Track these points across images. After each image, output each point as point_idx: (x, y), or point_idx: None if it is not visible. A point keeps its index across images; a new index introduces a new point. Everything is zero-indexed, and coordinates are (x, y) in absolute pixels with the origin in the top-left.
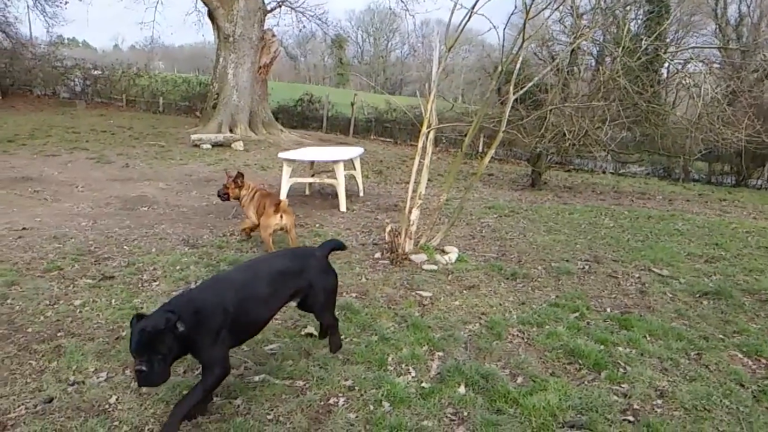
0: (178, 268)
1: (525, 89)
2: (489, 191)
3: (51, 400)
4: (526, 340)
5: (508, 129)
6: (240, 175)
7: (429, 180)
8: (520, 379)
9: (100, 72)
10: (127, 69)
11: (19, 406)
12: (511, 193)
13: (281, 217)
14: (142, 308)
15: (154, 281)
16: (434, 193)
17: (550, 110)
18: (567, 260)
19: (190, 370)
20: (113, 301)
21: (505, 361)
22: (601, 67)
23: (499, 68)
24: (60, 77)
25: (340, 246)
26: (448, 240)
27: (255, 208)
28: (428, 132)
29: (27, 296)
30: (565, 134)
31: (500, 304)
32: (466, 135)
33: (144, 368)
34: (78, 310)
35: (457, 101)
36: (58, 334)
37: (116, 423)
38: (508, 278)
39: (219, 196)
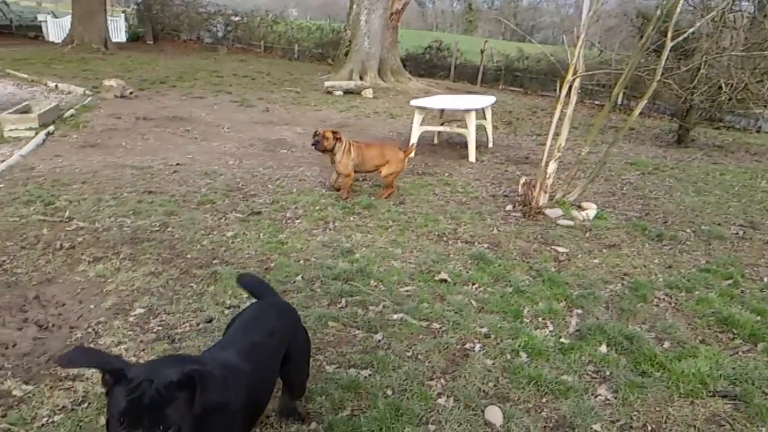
0: (317, 208)
1: (683, 36)
2: (629, 146)
3: (211, 320)
4: (673, 304)
5: (656, 80)
6: (337, 131)
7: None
8: (666, 344)
9: (239, 18)
10: (265, 16)
11: (184, 323)
12: (654, 150)
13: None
14: (287, 243)
15: (297, 219)
16: (568, 146)
17: (706, 60)
18: (719, 224)
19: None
20: (261, 234)
21: (650, 325)
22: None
23: (659, 12)
24: (204, 23)
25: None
26: (586, 196)
27: (355, 159)
28: (573, 80)
29: (185, 226)
30: (721, 87)
31: (644, 266)
32: (604, 85)
33: None
34: (230, 241)
35: (593, 49)
36: (214, 261)
37: None
38: (652, 239)
39: (314, 145)
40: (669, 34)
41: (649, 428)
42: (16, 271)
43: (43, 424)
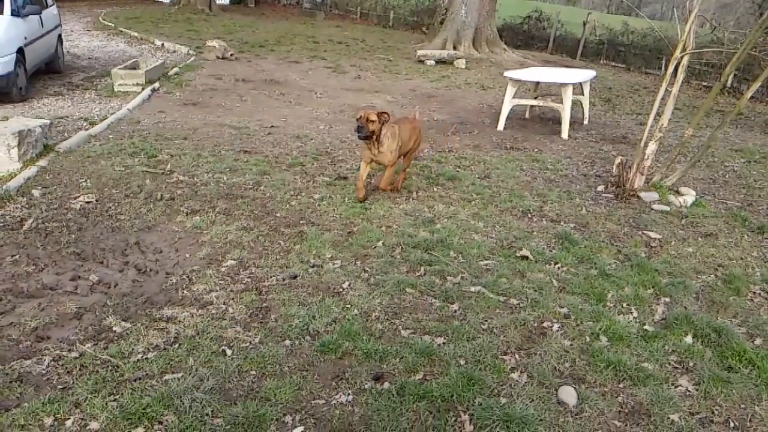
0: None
1: None
2: (735, 132)
3: (295, 277)
4: None
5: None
6: (384, 112)
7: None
8: (758, 341)
9: None
10: None
11: (271, 277)
12: (763, 137)
13: None
14: (370, 209)
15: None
16: (670, 128)
17: None
18: None
19: None
20: (346, 199)
21: (741, 319)
22: None
23: None
24: None
25: None
26: (685, 181)
27: (401, 139)
28: (682, 57)
29: (276, 185)
30: None
31: (741, 258)
32: (713, 65)
33: None
34: (317, 203)
35: (705, 26)
36: (301, 222)
37: (348, 306)
38: (753, 231)
39: (357, 132)
40: None
41: (732, 425)
42: (119, 217)
43: (138, 360)
